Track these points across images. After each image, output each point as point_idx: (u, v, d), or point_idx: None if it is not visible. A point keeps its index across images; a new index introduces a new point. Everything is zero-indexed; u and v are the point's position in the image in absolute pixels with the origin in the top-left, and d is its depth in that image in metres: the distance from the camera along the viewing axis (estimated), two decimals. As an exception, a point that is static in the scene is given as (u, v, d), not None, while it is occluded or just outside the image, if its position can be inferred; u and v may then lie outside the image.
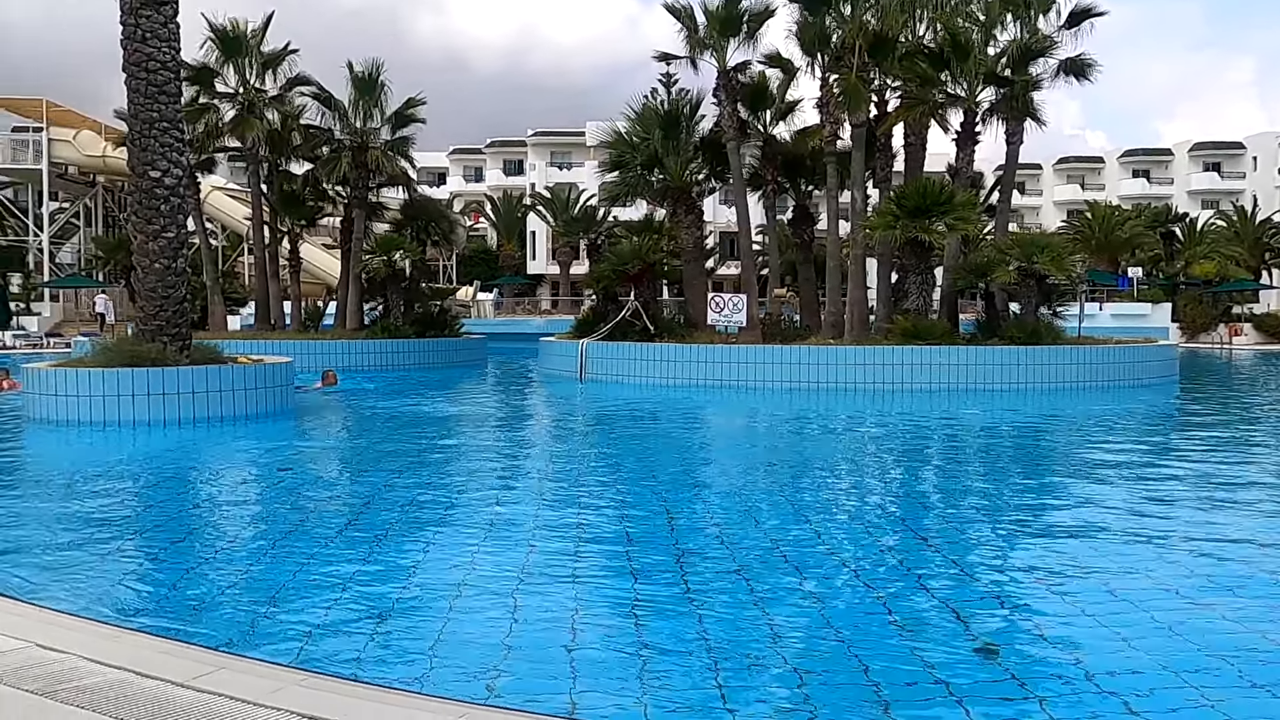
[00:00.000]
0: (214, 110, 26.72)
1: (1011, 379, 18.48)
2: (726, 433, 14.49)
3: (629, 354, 20.74)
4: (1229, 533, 7.06)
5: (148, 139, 13.55)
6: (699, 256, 25.03)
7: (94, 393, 12.63)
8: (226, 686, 3.66)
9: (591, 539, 6.85)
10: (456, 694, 3.98)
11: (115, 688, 3.63)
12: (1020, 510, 8.22)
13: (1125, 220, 50.60)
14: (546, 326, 36.28)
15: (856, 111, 20.56)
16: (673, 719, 3.91)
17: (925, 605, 5.34)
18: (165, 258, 13.72)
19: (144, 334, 13.82)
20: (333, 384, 19.06)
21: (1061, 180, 79.75)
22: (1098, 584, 5.73)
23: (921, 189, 19.77)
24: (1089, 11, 21.64)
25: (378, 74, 26.60)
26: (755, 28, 22.78)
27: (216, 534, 7.28)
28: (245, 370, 13.80)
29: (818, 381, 18.50)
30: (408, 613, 5.18)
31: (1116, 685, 4.18)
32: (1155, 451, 11.84)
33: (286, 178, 29.12)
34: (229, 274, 43.08)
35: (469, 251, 58.54)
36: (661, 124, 24.12)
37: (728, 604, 5.36)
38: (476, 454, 11.67)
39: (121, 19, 13.50)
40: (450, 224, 31.98)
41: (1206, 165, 74.95)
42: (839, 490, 9.31)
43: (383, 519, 7.50)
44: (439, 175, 75.21)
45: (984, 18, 21.51)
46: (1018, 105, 21.27)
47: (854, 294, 21.22)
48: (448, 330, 28.36)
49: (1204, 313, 44.47)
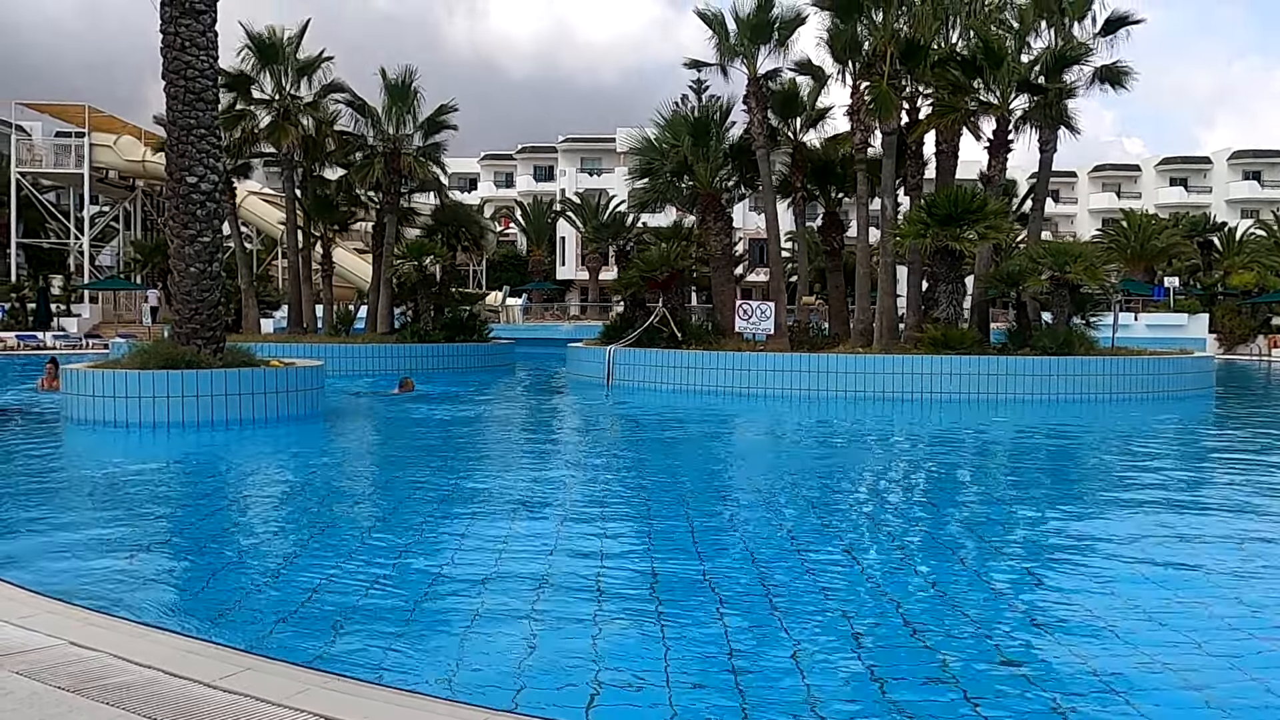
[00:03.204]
0: (250, 116, 27.17)
1: (1043, 390, 18.26)
2: (753, 442, 14.45)
3: (656, 360, 20.75)
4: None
5: (185, 144, 13.81)
6: (728, 263, 25.02)
7: (130, 394, 12.85)
8: (252, 687, 3.72)
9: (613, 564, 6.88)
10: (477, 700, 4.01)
11: (144, 686, 3.70)
12: (1039, 526, 8.14)
13: (1162, 229, 49.84)
14: (575, 332, 36.41)
15: (887, 119, 20.47)
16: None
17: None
18: (201, 261, 13.96)
19: (179, 336, 14.07)
20: (410, 390, 18.65)
21: (1097, 188, 78.75)
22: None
23: (952, 197, 19.62)
24: (1125, 19, 21.41)
25: (410, 80, 26.95)
26: (786, 35, 22.79)
27: (245, 535, 7.39)
28: (277, 373, 13.98)
29: (846, 390, 18.39)
30: (433, 616, 5.23)
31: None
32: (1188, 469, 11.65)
33: (320, 183, 29.55)
34: (263, 277, 43.62)
35: (499, 257, 58.95)
36: (691, 130, 24.17)
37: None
38: (498, 460, 11.74)
39: (161, 27, 13.77)
40: (480, 229, 32.28)
41: (1246, 174, 73.70)
42: (862, 502, 9.26)
43: (408, 523, 7.57)
44: (470, 181, 75.81)
45: (1018, 25, 21.37)
46: (1051, 113, 21.07)
47: (883, 302, 21.09)
48: (477, 335, 28.56)
49: (1243, 324, 43.69)
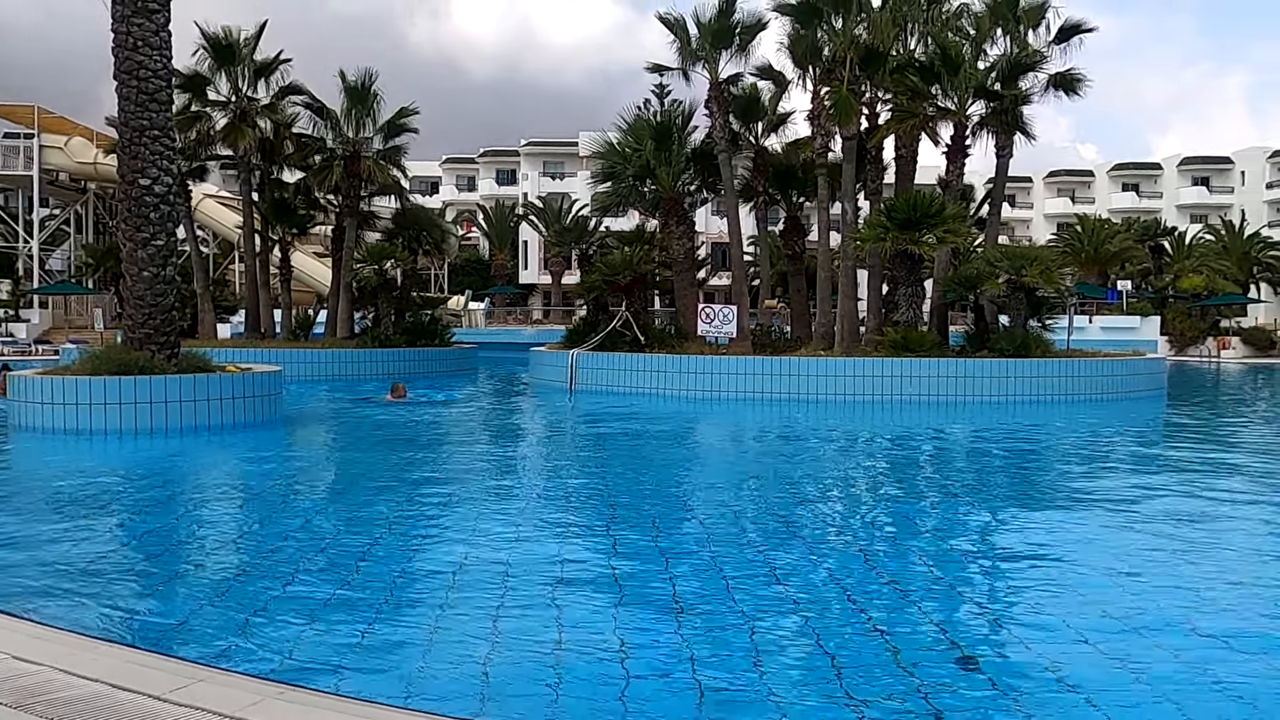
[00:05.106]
0: (206, 118, 26.70)
1: (1000, 391, 18.52)
2: (714, 445, 14.47)
3: (619, 364, 20.71)
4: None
5: (138, 146, 13.53)
6: (690, 267, 25.08)
7: (80, 400, 12.55)
8: (204, 700, 3.63)
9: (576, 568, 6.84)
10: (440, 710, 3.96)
11: (90, 701, 3.59)
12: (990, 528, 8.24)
13: (1115, 234, 50.86)
14: (538, 336, 36.27)
15: (847, 124, 20.65)
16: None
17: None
18: (154, 265, 13.68)
19: (132, 341, 13.77)
20: (402, 397, 18.33)
21: (1052, 193, 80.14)
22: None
23: (912, 201, 19.84)
24: (1078, 27, 21.84)
25: (370, 83, 26.68)
26: (747, 40, 22.92)
27: (198, 545, 7.23)
28: (234, 379, 13.75)
29: (808, 393, 18.50)
30: (391, 625, 5.15)
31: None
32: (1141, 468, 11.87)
33: (278, 186, 29.13)
34: (220, 282, 42.85)
35: (461, 261, 58.59)
36: (654, 135, 24.20)
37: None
38: (459, 467, 11.64)
39: (113, 26, 13.49)
40: (442, 233, 32.03)
41: (1195, 180, 75.42)
42: (823, 504, 9.31)
43: (366, 530, 7.46)
44: (432, 184, 75.23)
45: (974, 32, 21.70)
46: (1007, 119, 21.40)
47: (844, 305, 21.27)
48: (438, 339, 28.31)
49: (1192, 326, 44.76)
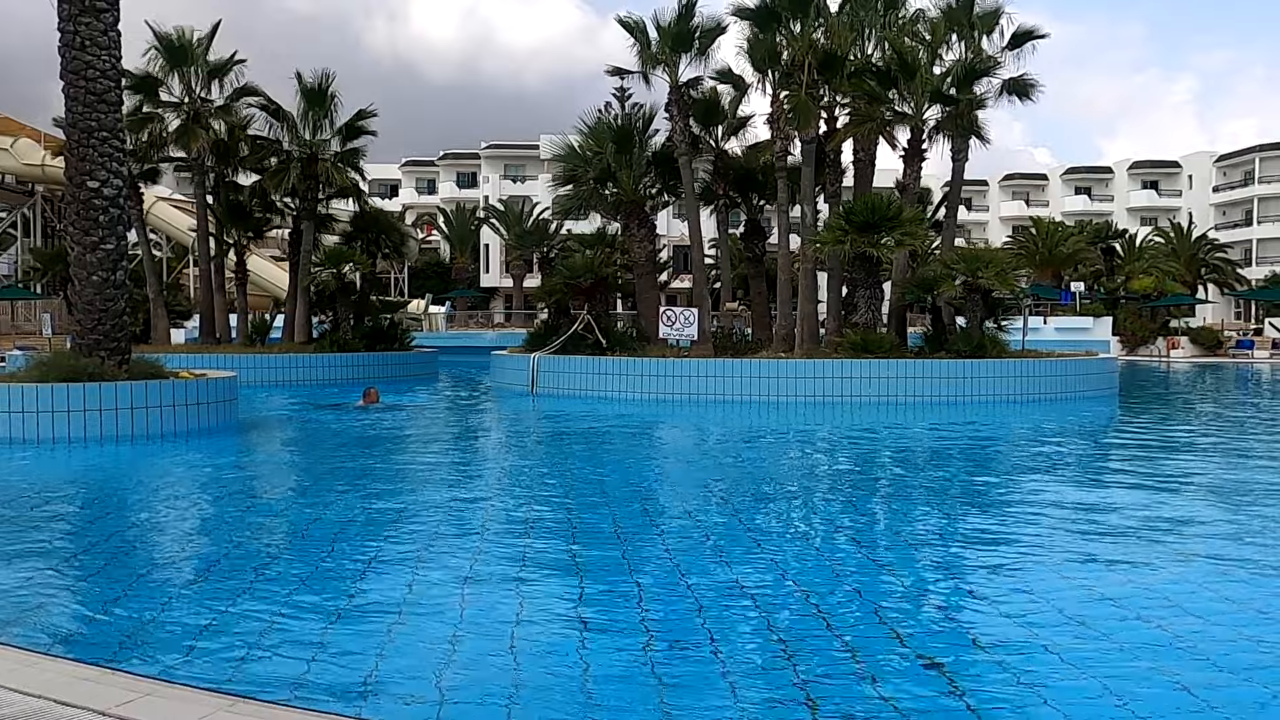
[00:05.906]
0: (158, 120, 26.21)
1: (958, 391, 18.78)
2: (676, 447, 14.49)
3: (581, 368, 20.68)
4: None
5: (86, 148, 13.23)
6: (651, 270, 25.11)
7: (27, 409, 12.24)
8: (151, 714, 3.55)
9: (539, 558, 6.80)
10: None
11: (32, 717, 3.49)
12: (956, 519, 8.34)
13: (1068, 236, 51.91)
14: (499, 340, 36.10)
15: (806, 128, 20.82)
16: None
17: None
18: (104, 270, 13.39)
19: (81, 348, 13.47)
20: (374, 402, 17.99)
21: (1007, 196, 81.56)
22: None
23: (870, 204, 20.06)
24: (1031, 34, 22.30)
25: (328, 84, 26.33)
26: (707, 44, 23.00)
27: (148, 557, 7.08)
28: (187, 385, 13.49)
29: (769, 395, 18.62)
30: (349, 633, 5.07)
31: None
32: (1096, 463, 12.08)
33: (233, 189, 28.64)
34: (173, 286, 42.01)
35: (421, 264, 58.17)
36: (614, 138, 24.21)
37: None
38: (420, 471, 11.53)
39: (60, 25, 13.18)
40: (401, 236, 31.73)
41: (1145, 183, 77.23)
42: (785, 506, 9.35)
43: (324, 537, 7.36)
44: (391, 187, 74.62)
45: (930, 37, 22.01)
46: (963, 123, 21.73)
47: (804, 308, 21.43)
48: (398, 344, 28.06)
49: (1143, 326, 45.80)
